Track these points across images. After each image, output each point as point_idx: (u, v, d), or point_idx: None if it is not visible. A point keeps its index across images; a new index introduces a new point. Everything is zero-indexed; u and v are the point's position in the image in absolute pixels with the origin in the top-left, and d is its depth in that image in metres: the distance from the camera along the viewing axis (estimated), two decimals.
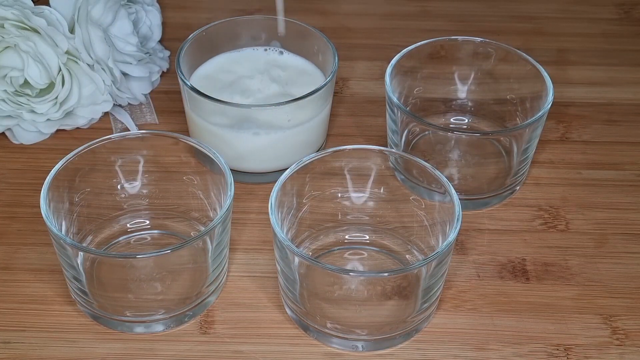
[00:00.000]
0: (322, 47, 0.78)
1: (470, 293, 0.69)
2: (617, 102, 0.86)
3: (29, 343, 0.65)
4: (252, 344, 0.65)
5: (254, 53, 0.81)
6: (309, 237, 0.70)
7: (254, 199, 0.76)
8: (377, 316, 0.64)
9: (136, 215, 0.72)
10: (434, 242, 0.67)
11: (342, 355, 0.65)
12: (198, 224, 0.71)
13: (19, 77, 0.77)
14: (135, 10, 0.84)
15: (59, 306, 0.67)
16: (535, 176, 0.78)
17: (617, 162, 0.79)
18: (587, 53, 0.91)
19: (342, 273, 0.63)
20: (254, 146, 0.75)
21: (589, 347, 0.65)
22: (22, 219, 0.74)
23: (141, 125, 0.82)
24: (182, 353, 0.65)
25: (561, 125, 0.83)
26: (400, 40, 0.91)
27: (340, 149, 0.68)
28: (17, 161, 0.79)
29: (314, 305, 0.64)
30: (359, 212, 0.71)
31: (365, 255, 0.70)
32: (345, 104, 0.85)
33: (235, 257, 0.71)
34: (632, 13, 0.97)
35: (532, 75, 0.76)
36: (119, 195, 0.71)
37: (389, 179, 0.71)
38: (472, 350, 0.65)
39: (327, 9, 0.97)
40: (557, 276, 0.70)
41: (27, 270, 0.70)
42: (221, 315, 0.67)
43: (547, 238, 0.73)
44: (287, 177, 0.66)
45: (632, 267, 0.71)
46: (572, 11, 0.97)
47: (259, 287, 0.69)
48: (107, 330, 0.66)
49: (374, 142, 0.80)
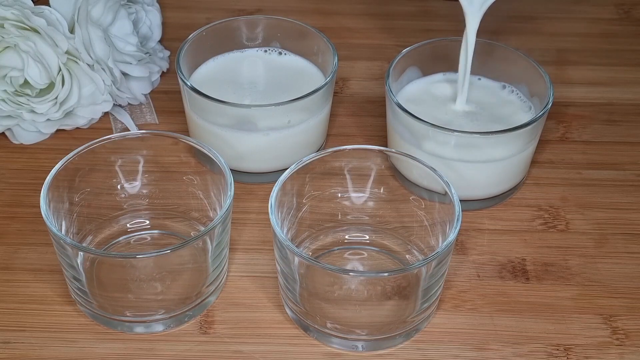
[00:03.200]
0: (322, 47, 0.78)
1: (470, 293, 0.69)
2: (617, 102, 0.86)
3: (29, 343, 0.65)
4: (252, 344, 0.65)
5: (253, 53, 0.81)
6: (309, 237, 0.70)
7: (254, 199, 0.76)
8: (377, 316, 0.64)
9: (136, 215, 0.72)
10: (434, 242, 0.67)
11: (342, 355, 0.65)
12: (198, 224, 0.71)
13: (19, 77, 0.77)
14: (135, 10, 0.84)
15: (59, 306, 0.67)
16: (535, 176, 0.78)
17: (617, 162, 0.79)
18: (587, 53, 0.91)
19: (342, 273, 0.63)
20: (254, 146, 0.75)
21: (589, 347, 0.65)
22: (22, 219, 0.74)
23: (141, 125, 0.82)
24: (182, 353, 0.65)
25: (561, 125, 0.83)
26: (400, 40, 0.91)
27: (340, 149, 0.68)
28: (17, 161, 0.79)
29: (314, 305, 0.64)
30: (359, 212, 0.71)
31: (365, 255, 0.70)
32: (345, 104, 0.85)
33: (235, 257, 0.71)
34: (632, 13, 0.97)
35: (532, 75, 0.76)
36: (119, 195, 0.71)
37: (389, 179, 0.71)
38: (472, 350, 0.65)
39: (327, 9, 0.97)
40: (557, 276, 0.70)
41: (27, 270, 0.70)
42: (221, 315, 0.67)
43: (547, 238, 0.73)
44: (287, 177, 0.66)
45: (632, 267, 0.71)
46: (571, 11, 0.97)
47: (259, 287, 0.69)
48: (107, 330, 0.66)
49: (374, 142, 0.80)
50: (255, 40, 0.81)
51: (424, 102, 0.77)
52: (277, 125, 0.74)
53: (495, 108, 0.76)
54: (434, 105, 0.77)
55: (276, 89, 0.77)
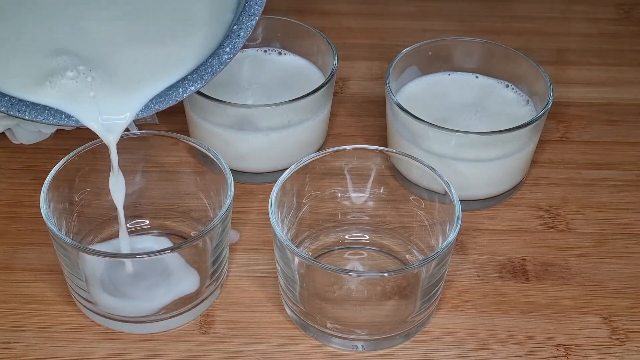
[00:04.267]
0: (322, 47, 0.78)
1: (470, 293, 0.69)
2: (617, 102, 0.86)
3: (29, 343, 0.65)
4: (252, 344, 0.65)
5: (253, 53, 0.81)
6: (309, 237, 0.70)
7: (254, 199, 0.76)
8: (377, 316, 0.64)
9: (136, 215, 0.72)
10: (434, 242, 0.67)
11: (342, 355, 0.65)
12: (198, 224, 0.71)
13: None
14: None
15: (59, 306, 0.67)
16: (535, 176, 0.78)
17: (617, 162, 0.79)
18: (587, 53, 0.91)
19: (342, 273, 0.63)
20: (254, 146, 0.75)
21: (589, 347, 0.65)
22: (22, 219, 0.74)
23: (141, 125, 0.82)
24: (182, 353, 0.65)
25: (561, 125, 0.83)
26: (400, 40, 0.91)
27: (340, 149, 0.68)
28: (17, 161, 0.79)
29: (314, 305, 0.64)
30: (359, 212, 0.71)
31: (365, 255, 0.70)
32: (345, 104, 0.85)
33: (235, 257, 0.71)
34: (632, 13, 0.97)
35: (532, 75, 0.76)
36: None
37: (389, 179, 0.71)
38: (472, 350, 0.65)
39: (327, 9, 0.97)
40: (557, 276, 0.70)
41: (27, 270, 0.70)
42: (221, 315, 0.67)
43: (547, 238, 0.73)
44: (287, 177, 0.66)
45: (632, 267, 0.71)
46: (571, 11, 0.97)
47: (259, 287, 0.69)
48: (107, 330, 0.66)
49: (374, 142, 0.80)
50: (255, 40, 0.81)
51: (424, 101, 0.77)
52: (277, 125, 0.74)
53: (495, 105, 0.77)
54: (434, 104, 0.77)
55: (276, 89, 0.77)
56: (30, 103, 0.62)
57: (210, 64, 0.64)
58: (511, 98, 0.77)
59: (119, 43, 0.64)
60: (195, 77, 0.64)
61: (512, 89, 0.78)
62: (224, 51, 0.63)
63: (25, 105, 0.61)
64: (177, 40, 0.64)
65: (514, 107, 0.76)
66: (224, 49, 0.64)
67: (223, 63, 0.64)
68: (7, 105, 0.61)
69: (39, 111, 0.62)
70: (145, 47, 0.64)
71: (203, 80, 0.64)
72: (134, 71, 0.63)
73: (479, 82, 0.79)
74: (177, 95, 0.64)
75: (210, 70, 0.64)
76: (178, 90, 0.64)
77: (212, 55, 0.64)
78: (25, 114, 0.61)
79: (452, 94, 0.78)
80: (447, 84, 0.79)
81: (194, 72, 0.64)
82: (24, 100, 0.62)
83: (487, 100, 0.77)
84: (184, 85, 0.64)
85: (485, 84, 0.78)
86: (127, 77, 0.63)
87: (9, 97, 0.61)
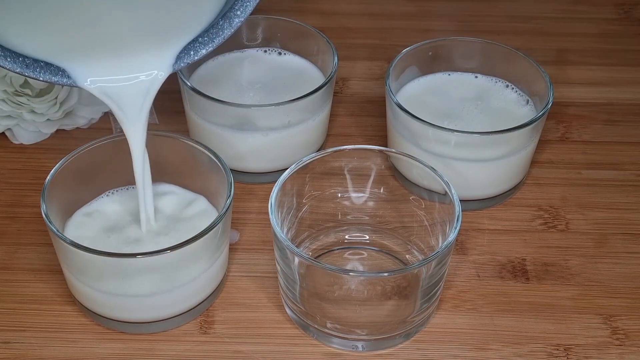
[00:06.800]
0: (322, 47, 0.78)
1: (470, 293, 0.69)
2: (617, 102, 0.86)
3: (29, 343, 0.65)
4: (252, 344, 0.65)
5: (253, 53, 0.81)
6: (309, 237, 0.70)
7: (254, 199, 0.76)
8: (377, 316, 0.64)
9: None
10: (434, 242, 0.67)
11: (342, 355, 0.65)
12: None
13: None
14: None
15: (59, 306, 0.67)
16: (535, 176, 0.78)
17: (617, 162, 0.79)
18: (587, 53, 0.91)
19: (342, 273, 0.63)
20: (254, 146, 0.75)
21: (589, 347, 0.65)
22: (22, 219, 0.74)
23: None
24: (182, 353, 0.65)
25: (561, 125, 0.83)
26: (400, 40, 0.91)
27: (340, 149, 0.68)
28: (17, 161, 0.79)
29: (314, 305, 0.64)
30: (359, 212, 0.71)
31: (365, 255, 0.70)
32: (345, 104, 0.85)
33: (235, 257, 0.71)
34: (632, 13, 0.97)
35: (532, 75, 0.76)
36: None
37: (388, 179, 0.71)
38: (472, 350, 0.65)
39: (327, 9, 0.97)
40: (557, 276, 0.70)
41: (27, 270, 0.70)
42: (221, 315, 0.67)
43: (547, 238, 0.73)
44: (287, 177, 0.66)
45: (632, 267, 0.71)
46: (572, 11, 0.97)
47: (259, 287, 0.69)
48: (107, 330, 0.66)
49: (374, 142, 0.80)
50: (255, 40, 0.81)
51: (424, 101, 0.77)
52: (277, 125, 0.74)
53: (495, 105, 0.77)
54: (434, 104, 0.77)
55: (276, 89, 0.77)
56: (44, 64, 0.61)
57: (221, 26, 0.63)
58: (511, 98, 0.77)
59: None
60: (206, 39, 0.63)
61: (512, 89, 0.78)
62: (234, 14, 0.63)
63: (40, 66, 0.61)
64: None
65: (514, 107, 0.76)
66: (235, 12, 0.63)
67: (234, 26, 0.63)
68: (21, 66, 0.60)
69: (53, 72, 0.61)
70: (158, 7, 0.63)
71: (214, 43, 0.63)
72: (155, 27, 0.63)
73: (479, 82, 0.79)
74: (188, 58, 0.63)
75: (221, 33, 0.63)
76: (189, 52, 0.63)
77: (223, 18, 0.63)
78: (40, 74, 0.61)
79: (452, 94, 0.78)
80: (447, 83, 0.79)
81: (204, 34, 0.64)
82: (38, 60, 0.61)
83: (487, 100, 0.77)
84: (195, 48, 0.63)
85: (485, 84, 0.79)
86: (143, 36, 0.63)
87: (23, 58, 0.61)
